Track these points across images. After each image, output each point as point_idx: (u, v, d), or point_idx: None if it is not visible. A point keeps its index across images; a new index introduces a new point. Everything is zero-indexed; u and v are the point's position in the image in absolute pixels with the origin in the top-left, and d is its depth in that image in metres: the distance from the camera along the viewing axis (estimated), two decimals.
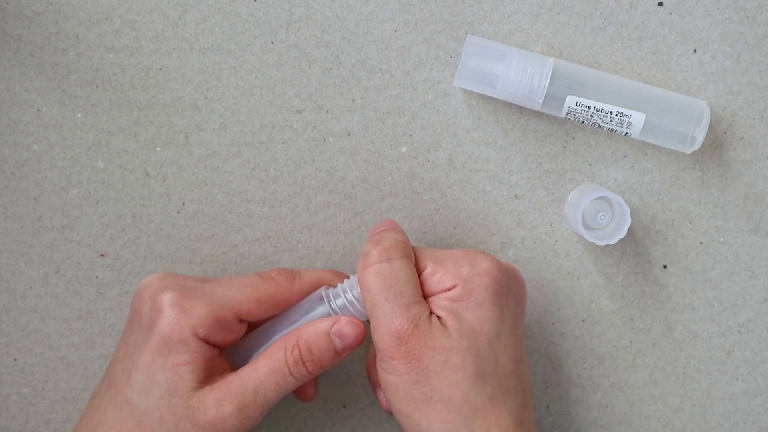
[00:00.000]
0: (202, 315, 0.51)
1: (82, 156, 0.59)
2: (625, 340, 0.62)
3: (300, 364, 0.52)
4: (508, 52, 0.57)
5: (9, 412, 0.61)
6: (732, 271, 0.62)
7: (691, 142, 0.58)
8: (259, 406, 0.51)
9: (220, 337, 0.52)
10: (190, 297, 0.52)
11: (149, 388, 0.51)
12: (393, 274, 0.52)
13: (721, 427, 0.63)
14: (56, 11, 0.58)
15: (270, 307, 0.54)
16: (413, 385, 0.51)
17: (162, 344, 0.51)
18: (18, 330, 0.60)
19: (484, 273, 0.53)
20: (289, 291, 0.54)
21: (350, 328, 0.53)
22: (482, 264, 0.53)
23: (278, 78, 0.60)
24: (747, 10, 0.60)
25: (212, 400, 0.51)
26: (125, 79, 0.59)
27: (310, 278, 0.55)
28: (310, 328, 0.52)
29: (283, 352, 0.52)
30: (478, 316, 0.52)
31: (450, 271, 0.53)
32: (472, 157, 0.61)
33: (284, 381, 0.52)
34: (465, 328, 0.51)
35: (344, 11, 0.59)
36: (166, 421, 0.50)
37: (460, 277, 0.53)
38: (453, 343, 0.51)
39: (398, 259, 0.53)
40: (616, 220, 0.59)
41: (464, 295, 0.52)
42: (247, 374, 0.52)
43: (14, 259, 0.60)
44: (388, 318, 0.51)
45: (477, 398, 0.51)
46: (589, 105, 0.57)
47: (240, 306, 0.53)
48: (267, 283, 0.54)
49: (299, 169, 0.60)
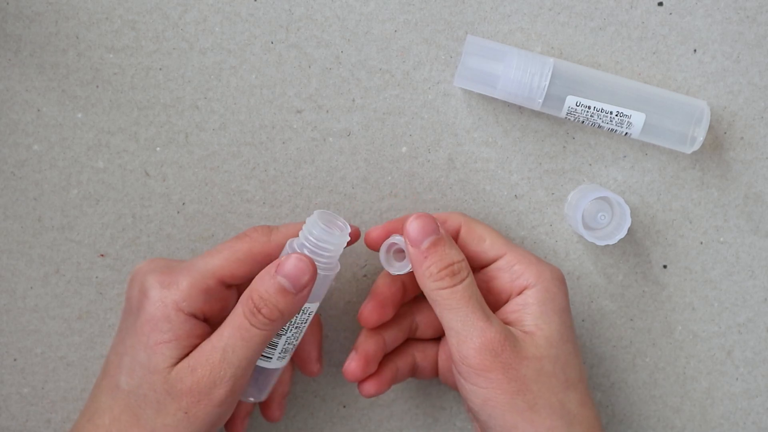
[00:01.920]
0: (184, 288, 0.52)
1: (82, 156, 0.59)
2: (625, 340, 0.62)
3: (256, 313, 0.50)
4: (508, 52, 0.57)
5: (9, 412, 0.61)
6: (732, 271, 0.62)
7: (691, 142, 0.58)
8: (231, 364, 0.50)
9: (207, 308, 0.52)
10: (172, 274, 0.52)
11: (133, 368, 0.51)
12: (468, 290, 0.52)
13: (721, 427, 0.63)
14: (56, 11, 0.58)
15: (250, 264, 0.53)
16: (515, 395, 0.51)
17: (146, 324, 0.51)
18: (18, 330, 0.60)
19: (561, 279, 0.55)
20: (265, 245, 0.53)
21: (291, 263, 0.50)
22: (555, 270, 0.55)
23: (278, 78, 0.60)
24: (747, 10, 0.60)
25: (187, 369, 0.51)
26: (125, 79, 0.59)
27: (287, 231, 0.54)
28: (260, 277, 0.51)
29: (240, 307, 0.51)
30: (562, 323, 0.53)
31: (532, 266, 0.54)
32: (472, 157, 0.61)
33: (249, 334, 0.51)
34: (553, 336, 0.52)
35: (344, 11, 0.59)
36: (149, 398, 0.51)
37: (542, 277, 0.53)
38: (543, 351, 0.52)
39: (468, 273, 0.52)
40: (616, 220, 0.59)
41: (548, 299, 0.53)
42: (215, 337, 0.51)
43: (14, 259, 0.60)
44: (477, 333, 0.51)
45: (571, 404, 0.52)
46: (589, 105, 0.57)
47: (221, 270, 0.53)
48: (243, 241, 0.53)
49: (299, 169, 0.60)
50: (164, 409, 0.51)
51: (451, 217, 0.56)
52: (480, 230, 0.56)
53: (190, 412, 0.51)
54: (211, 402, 0.51)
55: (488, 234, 0.56)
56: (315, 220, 0.52)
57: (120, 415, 0.51)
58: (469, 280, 0.52)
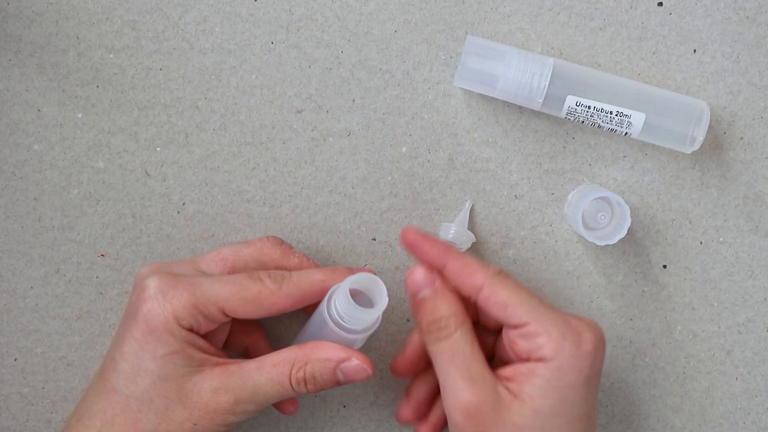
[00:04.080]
0: (185, 305, 0.51)
1: (83, 156, 0.59)
2: (625, 340, 0.62)
3: (302, 384, 0.52)
4: (508, 52, 0.57)
5: (9, 412, 0.61)
6: (732, 271, 0.62)
7: (691, 142, 0.58)
8: (256, 403, 0.52)
9: (204, 327, 0.53)
10: (175, 286, 0.52)
11: (136, 374, 0.51)
12: (453, 347, 0.51)
13: (721, 426, 0.63)
14: (56, 11, 0.58)
15: (256, 307, 0.53)
16: None
17: (148, 333, 0.51)
18: (18, 330, 0.60)
19: (586, 356, 0.51)
20: (274, 294, 0.53)
21: (356, 373, 0.52)
22: (586, 344, 0.51)
23: (278, 78, 0.60)
24: (747, 10, 0.60)
25: (209, 387, 0.51)
26: (125, 79, 0.59)
27: (300, 282, 0.53)
28: (321, 355, 0.52)
29: (289, 368, 0.52)
30: (563, 399, 0.51)
31: (553, 341, 0.51)
32: (472, 157, 0.61)
33: (286, 392, 0.52)
34: (545, 409, 0.50)
35: (344, 11, 0.59)
36: (156, 403, 0.51)
37: (560, 352, 0.50)
38: (526, 422, 0.50)
39: (456, 329, 0.52)
40: (616, 220, 0.59)
41: (557, 376, 0.50)
42: (249, 372, 0.52)
43: (14, 259, 0.60)
44: (457, 393, 0.50)
45: None
46: (589, 105, 0.57)
47: (224, 303, 0.52)
48: (253, 284, 0.53)
49: (299, 169, 0.60)
50: (171, 416, 0.51)
51: (475, 275, 0.52)
52: (503, 296, 0.52)
53: (199, 425, 0.51)
54: (223, 422, 0.52)
55: (512, 299, 0.52)
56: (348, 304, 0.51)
57: (113, 418, 0.51)
58: (457, 335, 0.51)
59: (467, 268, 0.52)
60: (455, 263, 0.53)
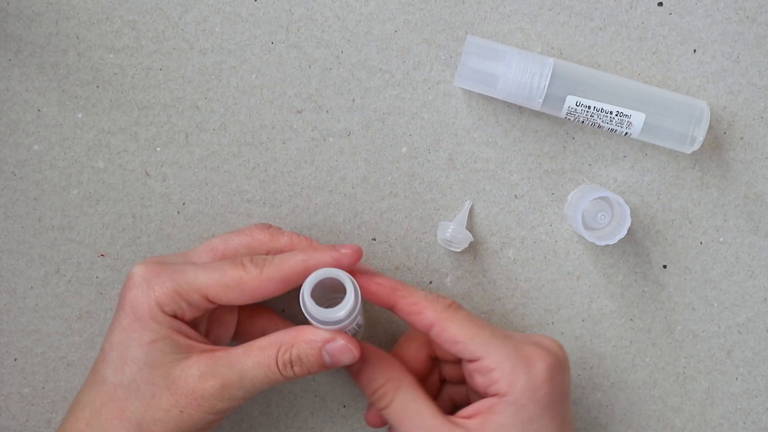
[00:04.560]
0: (167, 291, 0.51)
1: (82, 156, 0.59)
2: (625, 340, 0.62)
3: (288, 367, 0.51)
4: (508, 52, 0.57)
5: (9, 412, 0.61)
6: (732, 271, 0.62)
7: (691, 142, 0.58)
8: (243, 388, 0.51)
9: (188, 314, 0.53)
10: (159, 274, 0.52)
11: (124, 363, 0.51)
12: (399, 411, 0.52)
13: (721, 427, 0.63)
14: (56, 11, 0.58)
15: (238, 293, 0.52)
16: None
17: (134, 321, 0.51)
18: (18, 330, 0.60)
19: (540, 386, 0.51)
20: (256, 278, 0.52)
21: (341, 353, 0.51)
22: (539, 375, 0.51)
23: (278, 78, 0.60)
24: (747, 10, 0.60)
25: (196, 372, 0.51)
26: (125, 79, 0.59)
27: (281, 264, 0.52)
28: (306, 336, 0.52)
29: (275, 351, 0.51)
30: (522, 431, 0.51)
31: (506, 376, 0.51)
32: (472, 157, 0.61)
33: (273, 376, 0.52)
34: None
35: (344, 11, 0.59)
36: (142, 391, 0.51)
37: (514, 386, 0.51)
38: None
39: (395, 395, 0.52)
40: (616, 220, 0.59)
41: (514, 411, 0.51)
42: (236, 356, 0.51)
43: (14, 259, 0.60)
44: None
45: None
46: (589, 105, 0.57)
47: (207, 289, 0.52)
48: (234, 269, 0.52)
49: (299, 169, 0.60)
50: (157, 403, 0.51)
51: (424, 313, 0.53)
52: (453, 331, 0.52)
53: (186, 412, 0.51)
54: (211, 409, 0.51)
55: (463, 335, 0.52)
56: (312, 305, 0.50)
57: (101, 407, 0.51)
58: (398, 400, 0.52)
59: (416, 306, 0.53)
60: (403, 302, 0.53)
